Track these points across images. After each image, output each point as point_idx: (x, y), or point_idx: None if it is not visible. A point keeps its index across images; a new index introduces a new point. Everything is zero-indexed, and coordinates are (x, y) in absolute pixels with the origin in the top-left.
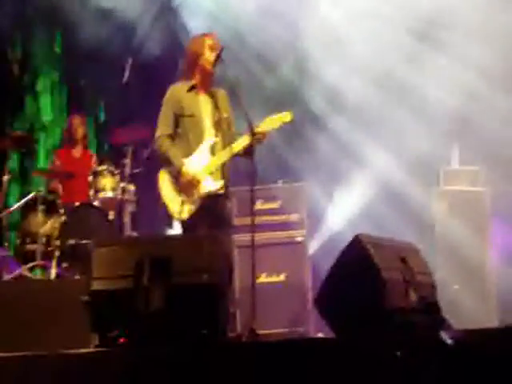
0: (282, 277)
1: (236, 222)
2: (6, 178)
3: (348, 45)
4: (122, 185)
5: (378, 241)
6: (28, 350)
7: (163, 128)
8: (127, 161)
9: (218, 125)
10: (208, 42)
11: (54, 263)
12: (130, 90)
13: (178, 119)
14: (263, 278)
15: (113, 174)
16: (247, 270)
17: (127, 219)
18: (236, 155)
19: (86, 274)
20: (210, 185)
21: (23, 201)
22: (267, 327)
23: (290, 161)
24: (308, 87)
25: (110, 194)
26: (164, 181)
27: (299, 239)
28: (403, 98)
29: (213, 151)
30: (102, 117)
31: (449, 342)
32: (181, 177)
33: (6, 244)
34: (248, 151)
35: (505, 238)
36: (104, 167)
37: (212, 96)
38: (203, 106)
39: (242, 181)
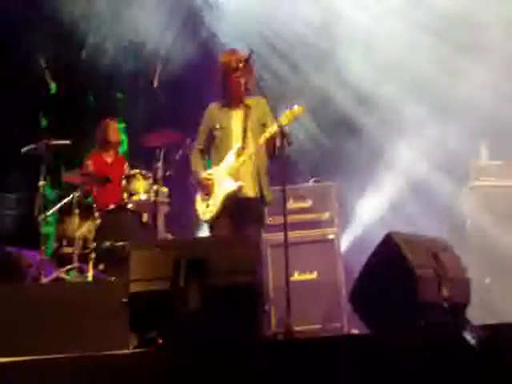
0: (314, 274)
1: (268, 221)
2: (41, 183)
3: (375, 45)
4: (154, 187)
5: (410, 237)
6: (67, 352)
7: (197, 143)
8: (159, 164)
9: (248, 133)
10: (232, 62)
11: (90, 265)
12: (159, 94)
13: (212, 134)
14: (296, 276)
15: (145, 177)
16: (280, 269)
17: (161, 221)
18: (271, 158)
19: (121, 276)
20: (231, 186)
21: (59, 204)
22: (302, 324)
23: (319, 160)
24: (336, 87)
25: (143, 196)
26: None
27: (331, 237)
28: (431, 96)
29: (238, 156)
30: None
31: (472, 341)
32: (199, 183)
33: (43, 248)
34: (270, 153)
35: None
36: (137, 171)
37: (246, 107)
38: (234, 119)
39: (273, 181)
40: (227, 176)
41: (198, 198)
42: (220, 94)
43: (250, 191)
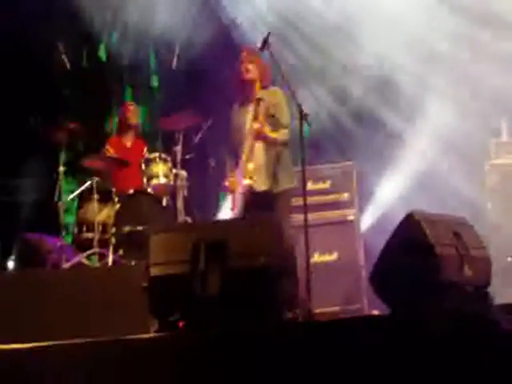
0: (334, 256)
1: None
2: (61, 169)
3: (395, 24)
4: (174, 171)
5: (431, 217)
6: (88, 337)
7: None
8: (178, 147)
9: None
10: (248, 60)
11: (110, 250)
12: (177, 77)
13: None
14: (316, 258)
15: (165, 161)
16: (300, 250)
17: (180, 204)
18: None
19: (142, 260)
20: (242, 185)
21: (79, 190)
22: (322, 306)
23: (340, 141)
24: (354, 69)
25: (162, 180)
26: None
27: (351, 218)
28: (449, 73)
29: (250, 153)
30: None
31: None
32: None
33: (63, 233)
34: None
35: None
36: (156, 154)
37: (256, 101)
38: (246, 116)
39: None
40: (241, 176)
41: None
42: (237, 92)
43: (263, 185)
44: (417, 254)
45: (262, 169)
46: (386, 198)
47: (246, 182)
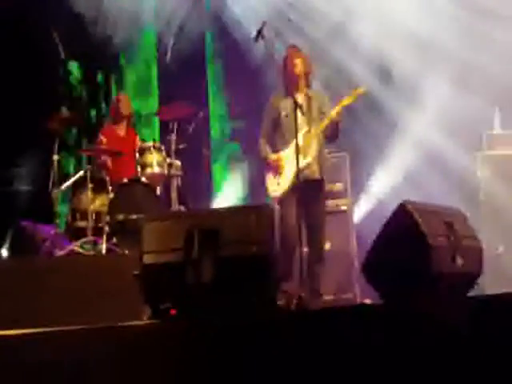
0: (327, 245)
1: None
2: (55, 157)
3: (388, 12)
4: (168, 160)
5: (424, 207)
6: (81, 324)
7: (263, 132)
8: (172, 136)
9: (310, 122)
10: (293, 56)
11: (104, 239)
12: (171, 68)
13: (276, 122)
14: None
15: (159, 150)
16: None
17: (174, 194)
18: (325, 140)
19: (135, 249)
20: (300, 163)
21: (73, 179)
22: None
23: None
24: (351, 59)
25: (156, 169)
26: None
27: (344, 208)
28: (444, 64)
29: (305, 139)
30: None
31: None
32: (268, 164)
33: (58, 221)
34: (332, 135)
35: None
36: (150, 144)
37: (308, 97)
38: (292, 108)
39: None
40: (292, 154)
41: (269, 177)
42: (284, 83)
43: (315, 173)
44: (409, 244)
45: (315, 159)
46: (379, 188)
47: (307, 160)
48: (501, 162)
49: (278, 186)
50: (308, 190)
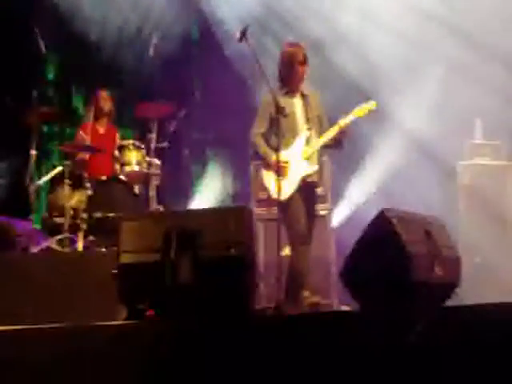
0: None
1: (260, 195)
2: (33, 152)
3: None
4: (147, 159)
5: (403, 215)
6: (56, 322)
7: (259, 127)
8: (152, 135)
9: (309, 121)
10: (298, 55)
11: (80, 236)
12: (153, 65)
13: (274, 120)
14: (287, 252)
15: (139, 149)
16: (272, 244)
17: (153, 193)
18: (327, 147)
19: (112, 247)
20: (306, 168)
21: (50, 174)
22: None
23: None
24: (332, 67)
25: (135, 167)
26: (265, 172)
27: (323, 213)
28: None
29: (308, 142)
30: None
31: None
32: (273, 165)
33: (34, 217)
34: (338, 142)
35: None
36: (130, 141)
37: (304, 96)
38: (297, 106)
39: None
40: (302, 159)
41: (267, 178)
42: (283, 82)
43: (315, 176)
44: (388, 252)
45: (317, 162)
46: (359, 194)
47: (316, 167)
48: (480, 171)
49: (281, 189)
50: (310, 194)
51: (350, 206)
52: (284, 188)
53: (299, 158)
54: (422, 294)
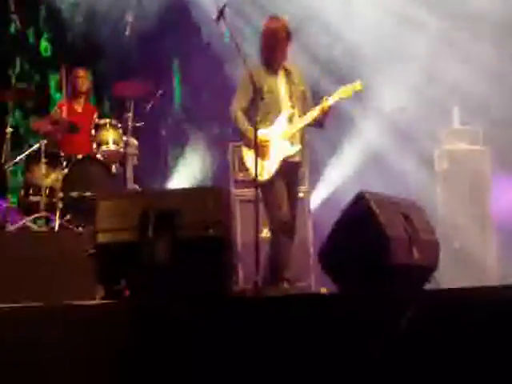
0: None
1: (239, 176)
2: (8, 130)
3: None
4: (124, 138)
5: (382, 197)
6: (34, 301)
7: (240, 103)
8: (129, 114)
9: (293, 98)
10: (281, 30)
11: (57, 215)
12: (130, 44)
13: (256, 96)
14: (265, 233)
15: (115, 128)
16: (249, 225)
17: (130, 172)
18: (309, 125)
19: (89, 227)
20: (289, 148)
21: (26, 152)
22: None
23: None
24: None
25: (112, 147)
26: (245, 150)
27: (301, 195)
28: (405, 60)
29: (290, 121)
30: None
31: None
32: (256, 144)
33: (10, 195)
34: (320, 122)
35: (504, 194)
36: (107, 120)
37: (287, 71)
38: (280, 82)
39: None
40: (284, 139)
41: (247, 157)
42: (264, 58)
43: (298, 156)
44: (366, 234)
45: (300, 141)
46: (337, 176)
47: (298, 147)
48: (458, 156)
49: (262, 169)
50: (292, 174)
51: (327, 189)
52: (265, 168)
53: (281, 138)
54: (400, 277)
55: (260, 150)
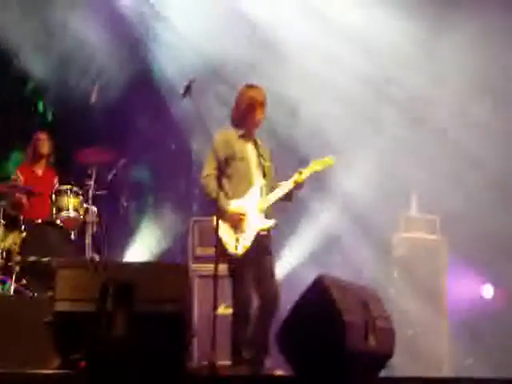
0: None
1: (198, 251)
2: None
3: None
4: (85, 205)
5: (341, 282)
6: None
7: (211, 168)
8: (91, 182)
9: (263, 170)
10: (260, 98)
11: (13, 279)
12: (94, 112)
13: (228, 162)
14: (222, 310)
15: (76, 195)
16: (207, 301)
17: (89, 240)
18: (280, 199)
19: (45, 292)
20: (265, 222)
21: None
22: (225, 359)
23: None
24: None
25: (72, 213)
26: (219, 222)
27: None
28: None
29: (261, 193)
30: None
31: None
32: (229, 216)
33: None
34: (289, 196)
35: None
36: (68, 187)
37: (256, 144)
38: (250, 152)
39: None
40: (259, 212)
41: (223, 233)
42: (237, 122)
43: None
44: (324, 319)
45: (271, 212)
46: (294, 257)
47: (274, 221)
48: (415, 244)
49: (237, 242)
50: (264, 246)
51: (284, 269)
52: (240, 242)
53: (256, 210)
54: (354, 363)
55: (235, 223)
